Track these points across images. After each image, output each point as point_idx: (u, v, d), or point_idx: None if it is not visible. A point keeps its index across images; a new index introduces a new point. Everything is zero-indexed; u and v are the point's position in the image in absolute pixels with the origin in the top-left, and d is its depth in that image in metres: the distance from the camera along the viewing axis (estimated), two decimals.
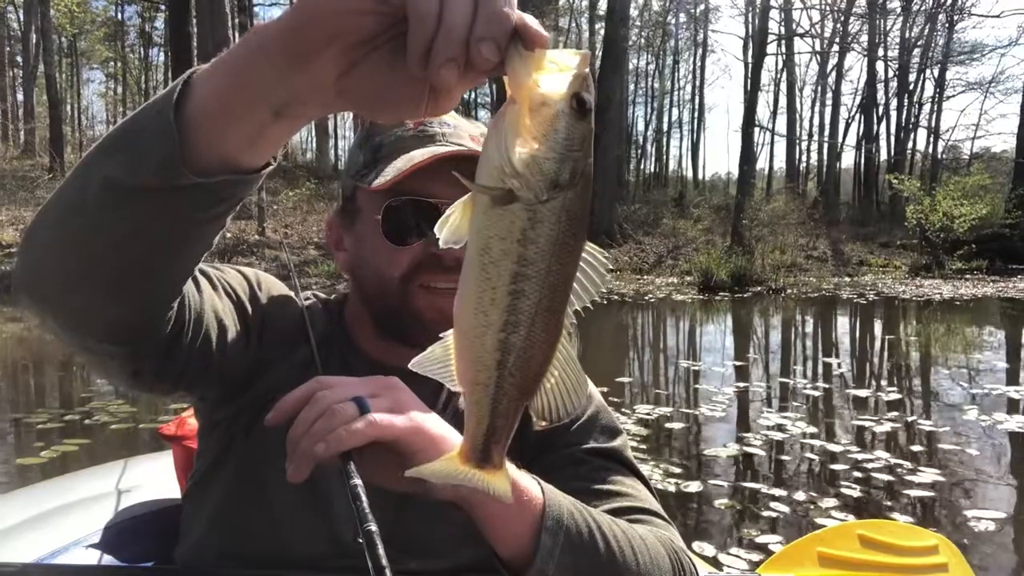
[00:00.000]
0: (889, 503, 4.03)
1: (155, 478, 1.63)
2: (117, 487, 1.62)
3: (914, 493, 4.17)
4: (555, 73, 0.51)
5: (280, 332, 1.08)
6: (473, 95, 32.71)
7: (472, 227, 0.54)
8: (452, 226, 0.55)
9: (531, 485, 0.86)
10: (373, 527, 0.74)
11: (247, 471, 1.03)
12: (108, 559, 1.29)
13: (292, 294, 1.14)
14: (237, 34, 19.51)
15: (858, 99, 40.88)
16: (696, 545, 3.34)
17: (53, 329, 0.78)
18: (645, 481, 1.10)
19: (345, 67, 0.57)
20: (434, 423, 0.83)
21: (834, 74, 39.83)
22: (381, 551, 0.72)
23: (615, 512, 0.98)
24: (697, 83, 45.92)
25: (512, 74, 0.52)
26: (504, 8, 0.52)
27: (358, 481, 0.77)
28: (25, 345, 9.97)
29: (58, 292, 0.74)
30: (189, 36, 16.09)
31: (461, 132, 1.07)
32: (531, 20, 0.53)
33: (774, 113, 42.53)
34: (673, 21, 43.69)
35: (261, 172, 0.68)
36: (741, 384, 7.20)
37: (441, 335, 0.61)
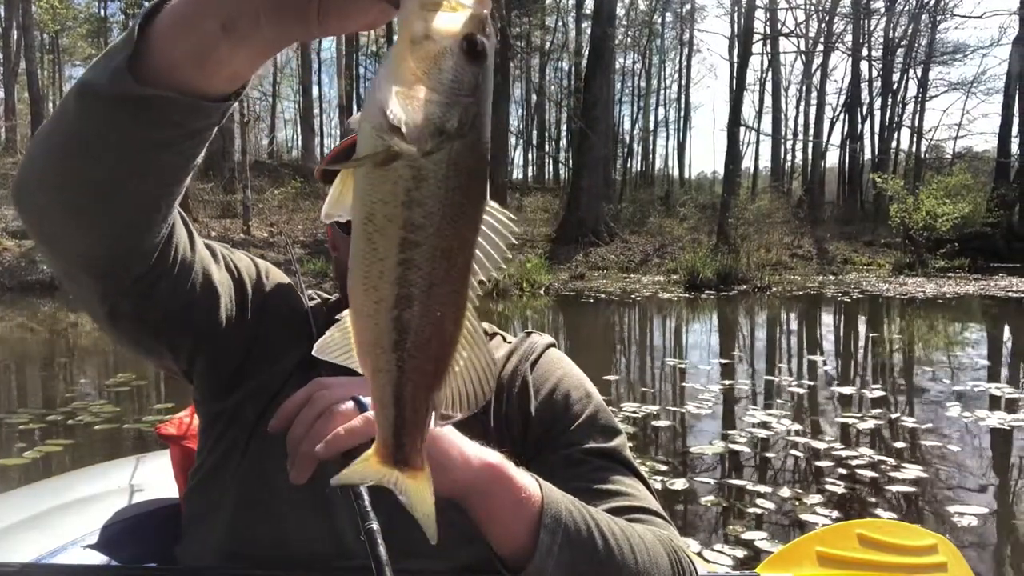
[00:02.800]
0: (873, 499, 4.07)
1: (153, 478, 1.62)
2: (115, 487, 1.61)
3: (898, 489, 4.21)
4: (446, 8, 0.46)
5: (283, 327, 1.08)
6: None
7: (354, 194, 0.48)
8: (333, 197, 0.49)
9: (529, 483, 0.86)
10: (375, 525, 0.74)
11: (250, 470, 1.02)
12: (107, 559, 1.28)
13: (298, 292, 1.14)
14: None
15: (842, 99, 41.17)
16: (682, 542, 3.35)
17: (40, 250, 0.81)
18: (644, 481, 1.10)
19: None
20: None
21: (819, 74, 40.10)
22: (382, 549, 0.72)
23: (614, 511, 0.98)
24: (683, 82, 46.11)
25: (402, 6, 0.47)
26: None
27: None
28: (6, 345, 9.87)
29: (36, 205, 0.75)
30: None
31: None
32: None
33: (759, 112, 42.78)
34: (659, 20, 43.84)
35: (215, 102, 0.66)
36: (727, 382, 7.24)
37: (337, 316, 0.55)
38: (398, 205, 0.46)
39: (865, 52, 38.93)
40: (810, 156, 39.15)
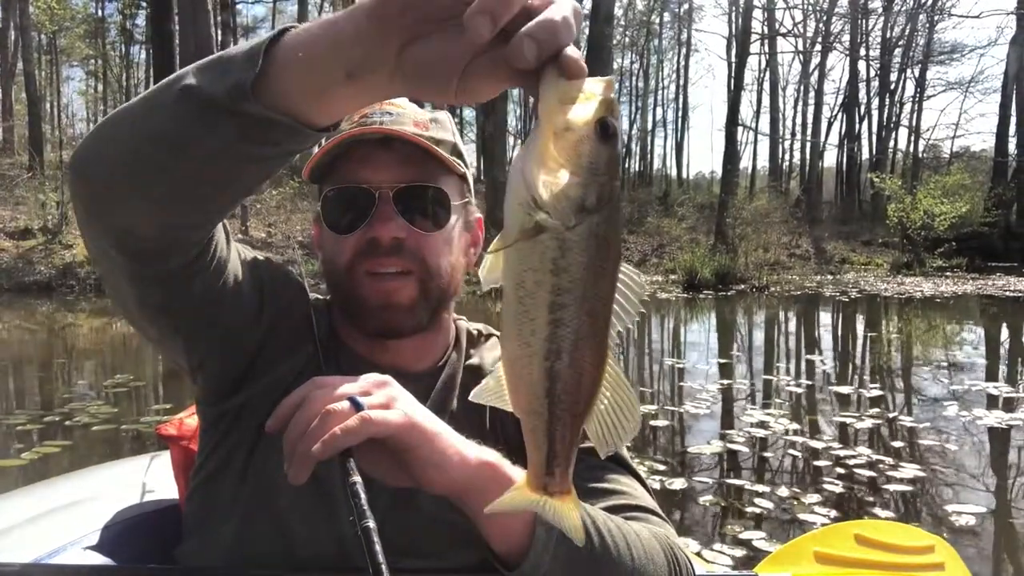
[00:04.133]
0: (871, 499, 4.07)
1: (154, 479, 1.61)
2: (115, 488, 1.60)
3: (895, 488, 4.21)
4: (580, 100, 0.52)
5: (289, 330, 1.08)
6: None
7: (504, 262, 0.54)
8: (487, 266, 0.56)
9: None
10: (371, 523, 0.75)
11: (255, 473, 1.02)
12: (107, 560, 1.28)
13: (303, 295, 1.14)
14: (219, 31, 19.37)
15: (840, 98, 41.25)
16: (680, 541, 3.35)
17: (83, 221, 0.84)
18: (641, 480, 1.11)
19: (408, 38, 0.60)
20: (428, 419, 0.84)
21: (816, 73, 40.15)
22: (378, 547, 0.73)
23: (611, 510, 0.98)
24: (681, 82, 46.14)
25: (542, 97, 0.52)
26: (561, 20, 0.53)
27: (357, 479, 0.78)
28: (4, 347, 9.86)
29: (99, 178, 0.78)
30: (171, 33, 15.91)
31: (404, 119, 1.07)
32: (575, 51, 0.53)
33: (757, 112, 42.86)
34: (657, 20, 43.87)
35: (316, 131, 0.70)
36: (725, 381, 7.25)
37: (491, 368, 0.61)
38: (546, 272, 0.52)
39: (863, 52, 39.00)
40: (808, 156, 39.23)
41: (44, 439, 5.06)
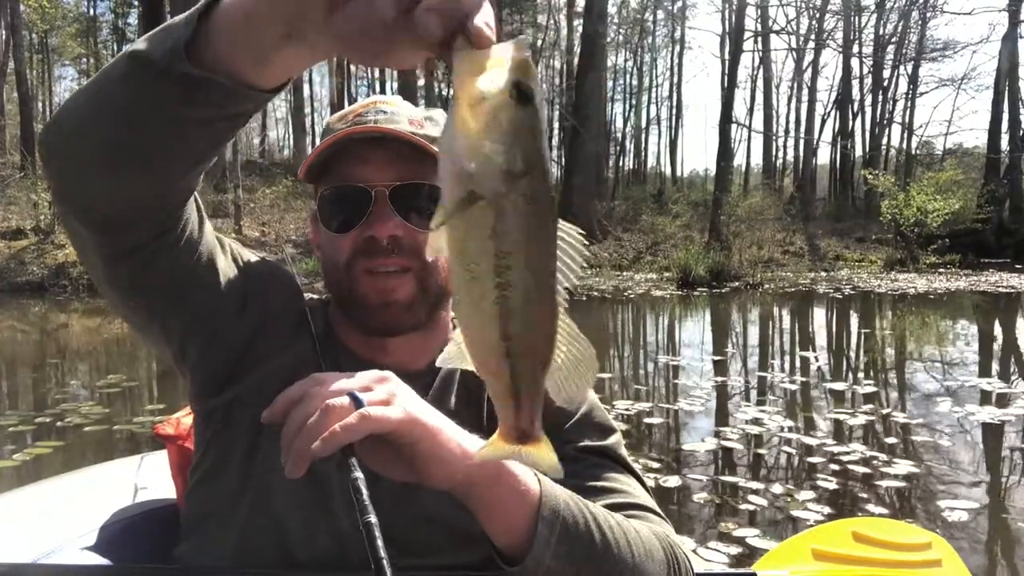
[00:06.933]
0: (865, 495, 4.08)
1: (152, 478, 1.61)
2: (113, 488, 1.60)
3: (889, 484, 4.22)
4: (491, 67, 0.52)
5: (281, 326, 1.08)
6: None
7: (447, 234, 0.56)
8: (430, 244, 0.58)
9: (527, 475, 0.87)
10: (372, 519, 0.75)
11: (249, 470, 1.02)
12: (105, 560, 1.27)
13: (296, 291, 1.14)
14: None
15: (833, 95, 41.34)
16: (678, 539, 3.36)
17: (52, 188, 0.85)
18: (639, 478, 1.11)
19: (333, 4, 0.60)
20: (429, 413, 0.83)
21: (810, 71, 40.24)
22: (380, 543, 0.73)
23: (610, 508, 0.99)
24: (675, 80, 46.26)
25: (455, 70, 0.53)
26: None
27: (359, 474, 0.78)
28: None
29: (62, 151, 0.80)
30: None
31: (398, 117, 1.08)
32: (484, 17, 0.53)
33: (751, 110, 42.85)
34: (651, 18, 43.89)
35: (261, 92, 0.70)
36: (719, 378, 7.26)
37: (451, 336, 0.62)
38: (486, 239, 0.54)
39: (856, 49, 39.09)
40: (801, 153, 39.29)
41: (36, 440, 5.04)
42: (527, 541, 0.84)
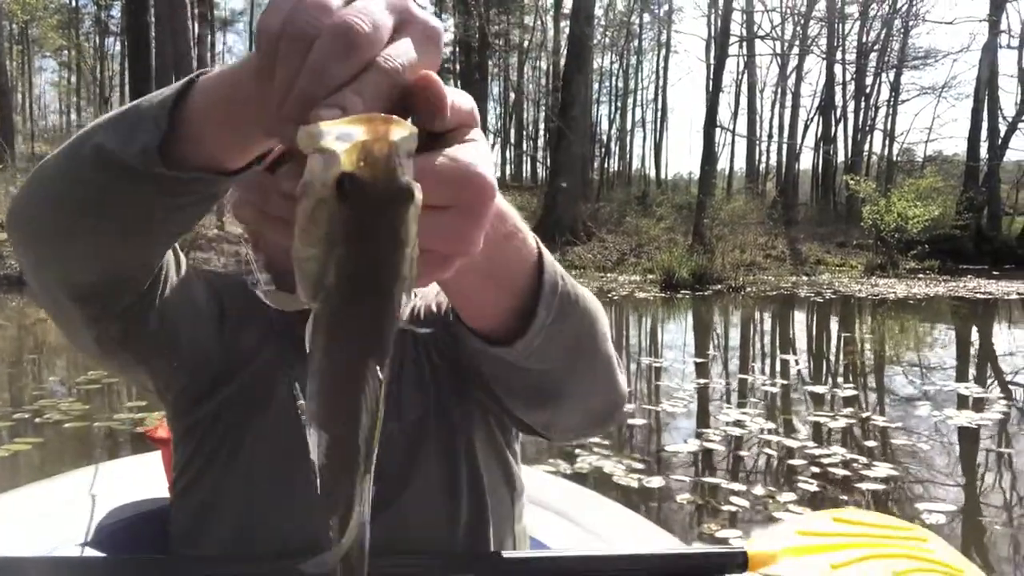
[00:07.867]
0: (845, 497, 4.13)
1: (149, 477, 1.60)
2: (110, 487, 1.59)
3: (869, 487, 4.27)
4: (324, 149, 0.38)
5: (255, 325, 1.06)
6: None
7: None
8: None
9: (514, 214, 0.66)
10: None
11: (239, 479, 1.01)
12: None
13: (259, 296, 1.12)
14: (196, 24, 19.13)
15: (817, 101, 41.64)
16: None
17: (28, 274, 0.82)
18: None
19: None
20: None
21: (794, 76, 40.51)
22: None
23: None
24: (660, 83, 46.37)
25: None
26: (313, 64, 0.40)
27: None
28: None
29: (32, 238, 0.77)
30: (147, 25, 15.73)
31: None
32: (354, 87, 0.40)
33: (735, 114, 43.09)
34: (637, 21, 44.06)
35: (236, 174, 0.65)
36: (702, 381, 7.30)
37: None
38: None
39: (839, 56, 39.44)
40: (784, 158, 39.59)
41: (14, 436, 4.97)
42: (531, 304, 0.71)
